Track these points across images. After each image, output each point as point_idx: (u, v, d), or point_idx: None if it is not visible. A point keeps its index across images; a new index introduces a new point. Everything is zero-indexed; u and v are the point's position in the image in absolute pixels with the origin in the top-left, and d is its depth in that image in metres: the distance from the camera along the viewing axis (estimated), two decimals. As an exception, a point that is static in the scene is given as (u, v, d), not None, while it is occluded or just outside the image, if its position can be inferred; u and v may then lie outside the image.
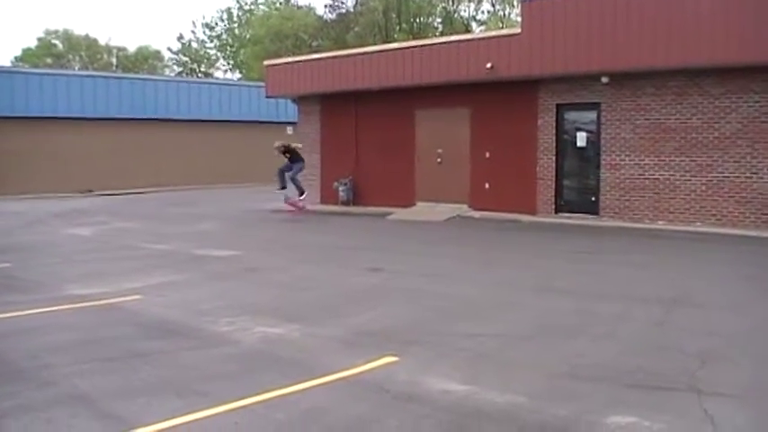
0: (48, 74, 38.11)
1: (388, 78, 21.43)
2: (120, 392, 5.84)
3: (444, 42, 21.06)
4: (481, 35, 24.56)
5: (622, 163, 17.92)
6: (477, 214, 19.80)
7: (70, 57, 76.04)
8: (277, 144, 22.73)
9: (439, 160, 21.23)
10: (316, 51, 38.00)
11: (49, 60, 72.01)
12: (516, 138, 19.78)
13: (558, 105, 19.10)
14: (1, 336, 7.83)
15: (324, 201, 24.19)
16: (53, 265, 13.03)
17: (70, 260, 13.50)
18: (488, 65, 18.90)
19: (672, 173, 17.20)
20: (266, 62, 26.74)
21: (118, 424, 5.14)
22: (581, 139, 18.74)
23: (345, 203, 23.26)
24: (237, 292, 10.18)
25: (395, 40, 41.34)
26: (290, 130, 32.59)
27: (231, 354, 6.99)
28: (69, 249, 15.03)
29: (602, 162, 18.30)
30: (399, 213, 20.52)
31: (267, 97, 27.05)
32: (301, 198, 22.47)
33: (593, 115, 18.53)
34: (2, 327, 8.24)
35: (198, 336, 7.70)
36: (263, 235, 17.65)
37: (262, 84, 28.79)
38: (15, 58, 74.50)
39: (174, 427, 5.08)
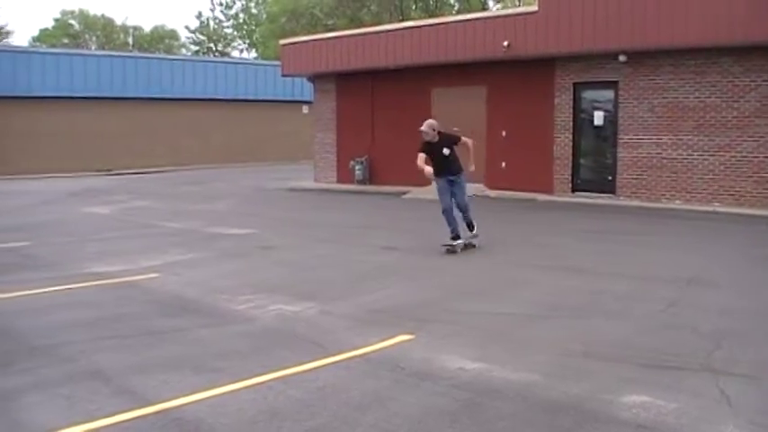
0: (64, 54, 38.28)
1: (404, 57, 21.35)
2: (137, 369, 5.90)
3: (461, 20, 20.94)
4: (497, 13, 24.42)
5: (640, 142, 17.82)
6: (493, 193, 19.75)
7: (87, 37, 76.23)
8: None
9: (455, 139, 21.15)
10: (331, 30, 37.91)
11: (65, 41, 72.23)
12: (533, 116, 19.69)
13: (574, 84, 18.99)
14: (20, 313, 7.92)
15: (340, 180, 24.22)
16: (71, 243, 13.13)
17: (88, 238, 13.59)
18: (505, 43, 18.79)
19: (689, 152, 17.09)
20: (282, 41, 26.70)
21: (136, 400, 5.19)
22: (598, 117, 18.65)
23: (361, 182, 23.27)
24: (253, 271, 10.23)
25: (411, 19, 41.17)
26: (305, 109, 32.63)
27: (247, 331, 7.05)
28: (87, 228, 15.13)
29: (619, 141, 18.20)
30: (415, 192, 20.50)
31: (283, 76, 27.03)
32: None
33: (610, 94, 18.42)
34: (21, 304, 8.33)
35: (214, 313, 7.76)
36: (278, 214, 17.69)
37: (277, 63, 28.79)
38: (33, 38, 74.89)
39: (191, 403, 5.13)
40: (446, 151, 11.40)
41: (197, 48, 74.15)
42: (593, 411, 4.92)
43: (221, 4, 71.99)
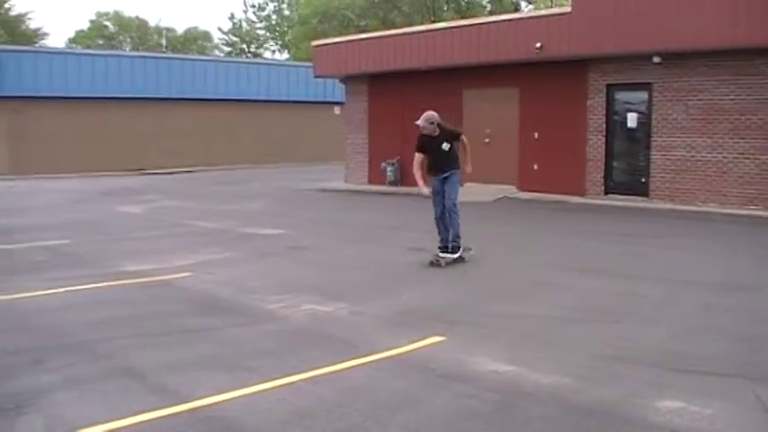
0: (99, 54, 38.75)
1: (436, 58, 21.33)
2: (171, 367, 5.95)
3: (493, 22, 20.89)
4: (530, 14, 24.34)
5: (673, 144, 17.65)
6: (524, 195, 19.67)
7: (121, 38, 76.96)
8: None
9: (487, 140, 21.08)
10: (363, 31, 37.95)
11: (100, 42, 72.99)
12: (565, 118, 19.57)
13: (608, 85, 18.84)
14: (57, 309, 8.02)
15: (371, 181, 24.24)
16: (105, 241, 13.28)
17: (121, 237, 13.73)
18: (537, 45, 18.69)
19: (725, 154, 16.89)
20: (314, 42, 26.78)
21: (169, 397, 5.24)
22: (631, 119, 18.49)
23: (393, 183, 23.26)
24: (284, 270, 10.28)
25: (442, 20, 41.10)
26: (337, 110, 32.70)
27: (279, 331, 7.08)
28: (120, 227, 15.28)
29: (653, 143, 18.03)
30: (446, 194, 20.45)
31: (315, 77, 27.12)
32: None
33: (644, 95, 18.25)
34: (57, 301, 8.43)
35: (246, 312, 7.80)
36: (309, 214, 17.74)
37: (309, 64, 28.88)
38: (69, 39, 75.77)
39: (223, 401, 5.16)
40: (446, 146, 10.46)
41: (229, 49, 74.57)
42: (625, 416, 4.88)
43: (254, 6, 72.40)
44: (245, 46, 74.40)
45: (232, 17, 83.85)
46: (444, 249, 10.27)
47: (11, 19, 62.23)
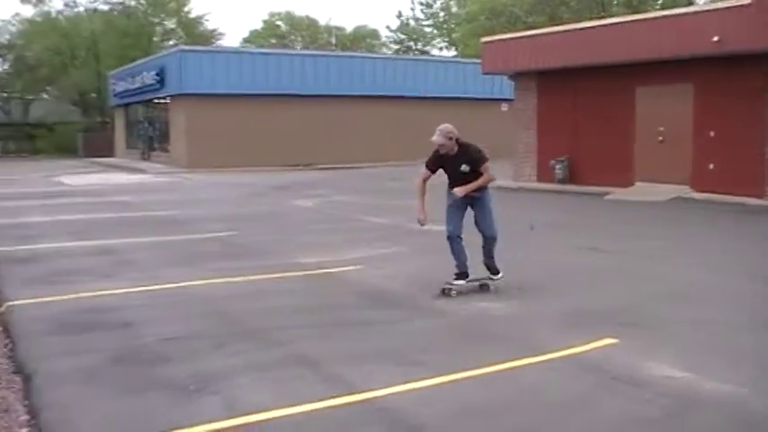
0: (272, 53, 40.23)
1: (607, 54, 20.70)
2: (342, 357, 6.06)
3: (666, 16, 20.09)
4: (707, 7, 23.17)
5: None
6: (698, 196, 18.76)
7: (292, 37, 79.50)
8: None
9: (660, 138, 20.29)
10: (531, 28, 37.44)
11: (273, 41, 75.71)
12: (743, 115, 18.49)
13: (791, 80, 17.69)
14: (231, 298, 8.37)
15: (540, 179, 23.85)
16: (278, 233, 13.73)
17: (294, 230, 14.14)
18: (715, 38, 17.77)
19: None
20: (483, 39, 26.63)
21: (342, 387, 5.33)
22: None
23: (561, 182, 22.80)
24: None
25: (612, 15, 39.93)
26: (504, 107, 32.45)
27: (449, 326, 7.09)
28: (293, 220, 15.76)
29: None
30: (617, 193, 19.87)
31: (483, 74, 26.98)
32: None
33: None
34: (232, 290, 8.80)
35: (415, 307, 7.84)
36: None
37: (476, 61, 28.77)
38: (243, 39, 79.13)
39: (394, 394, 5.20)
40: (465, 168, 8.48)
41: (397, 46, 75.55)
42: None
43: (422, 3, 72.97)
44: (412, 43, 75.11)
45: (400, 15, 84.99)
46: (461, 276, 8.43)
47: (190, 21, 65.72)
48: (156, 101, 40.31)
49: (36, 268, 10.23)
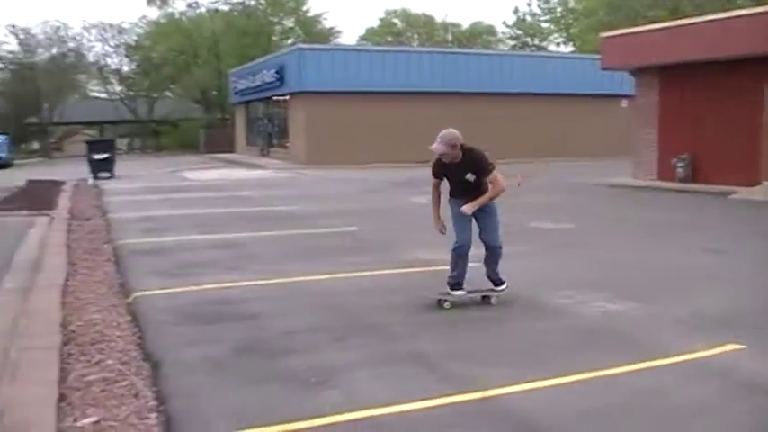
0: (389, 51, 40.52)
1: (733, 48, 19.90)
2: (457, 354, 6.09)
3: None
4: None
5: None
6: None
7: (409, 34, 79.85)
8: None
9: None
10: (651, 22, 36.43)
11: (389, 38, 76.26)
12: None
13: None
14: (350, 292, 8.54)
15: (661, 177, 23.17)
16: (396, 230, 13.88)
17: (411, 226, 14.16)
18: None
19: None
20: (603, 34, 26.06)
21: (458, 385, 5.36)
22: None
23: (683, 180, 22.10)
24: (572, 266, 10.13)
25: (737, 8, 38.39)
26: (624, 103, 31.70)
27: (570, 326, 7.02)
28: (410, 216, 15.82)
29: None
30: (742, 193, 19.12)
31: (603, 69, 26.40)
32: None
33: None
34: (353, 284, 8.96)
35: (535, 306, 7.79)
36: (596, 209, 17.35)
37: (594, 56, 28.21)
38: (360, 37, 80.00)
39: (512, 393, 5.20)
40: (470, 177, 7.91)
41: (513, 42, 74.83)
42: None
43: (539, -1, 72.05)
44: (528, 39, 74.24)
45: (516, 11, 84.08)
46: (455, 287, 7.87)
47: (308, 20, 66.87)
48: (276, 98, 41.20)
49: (162, 260, 10.66)
